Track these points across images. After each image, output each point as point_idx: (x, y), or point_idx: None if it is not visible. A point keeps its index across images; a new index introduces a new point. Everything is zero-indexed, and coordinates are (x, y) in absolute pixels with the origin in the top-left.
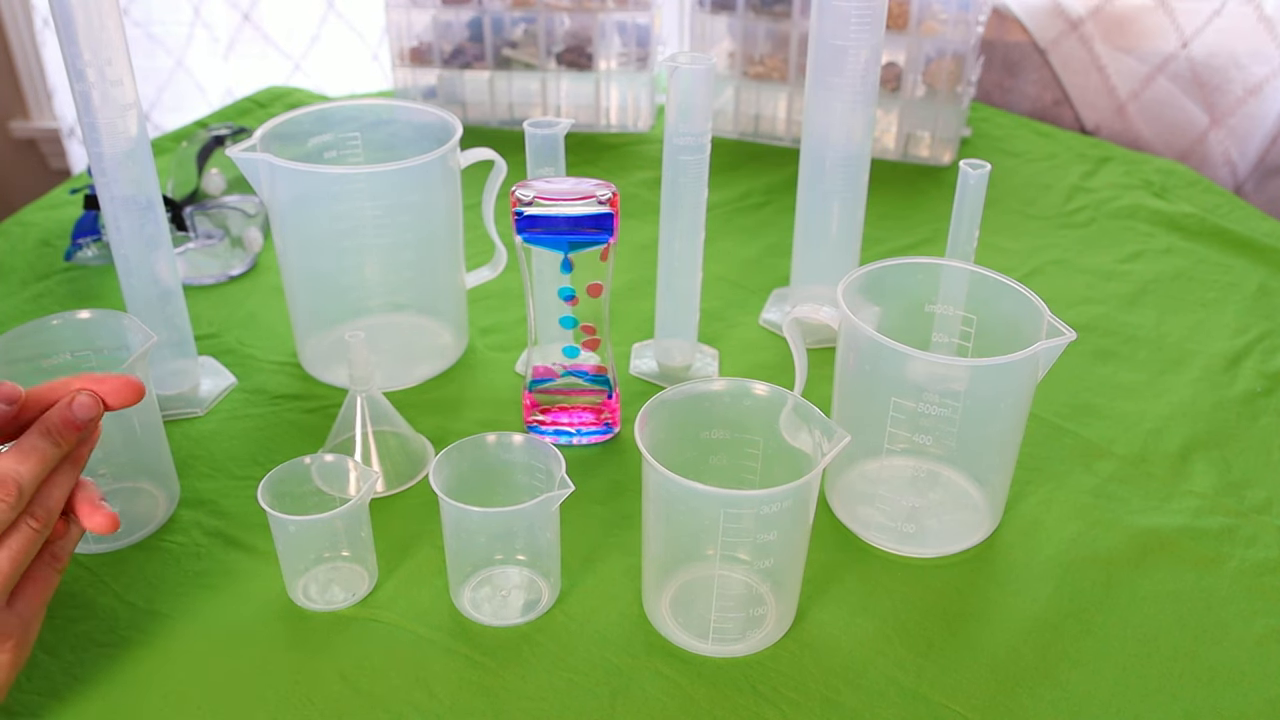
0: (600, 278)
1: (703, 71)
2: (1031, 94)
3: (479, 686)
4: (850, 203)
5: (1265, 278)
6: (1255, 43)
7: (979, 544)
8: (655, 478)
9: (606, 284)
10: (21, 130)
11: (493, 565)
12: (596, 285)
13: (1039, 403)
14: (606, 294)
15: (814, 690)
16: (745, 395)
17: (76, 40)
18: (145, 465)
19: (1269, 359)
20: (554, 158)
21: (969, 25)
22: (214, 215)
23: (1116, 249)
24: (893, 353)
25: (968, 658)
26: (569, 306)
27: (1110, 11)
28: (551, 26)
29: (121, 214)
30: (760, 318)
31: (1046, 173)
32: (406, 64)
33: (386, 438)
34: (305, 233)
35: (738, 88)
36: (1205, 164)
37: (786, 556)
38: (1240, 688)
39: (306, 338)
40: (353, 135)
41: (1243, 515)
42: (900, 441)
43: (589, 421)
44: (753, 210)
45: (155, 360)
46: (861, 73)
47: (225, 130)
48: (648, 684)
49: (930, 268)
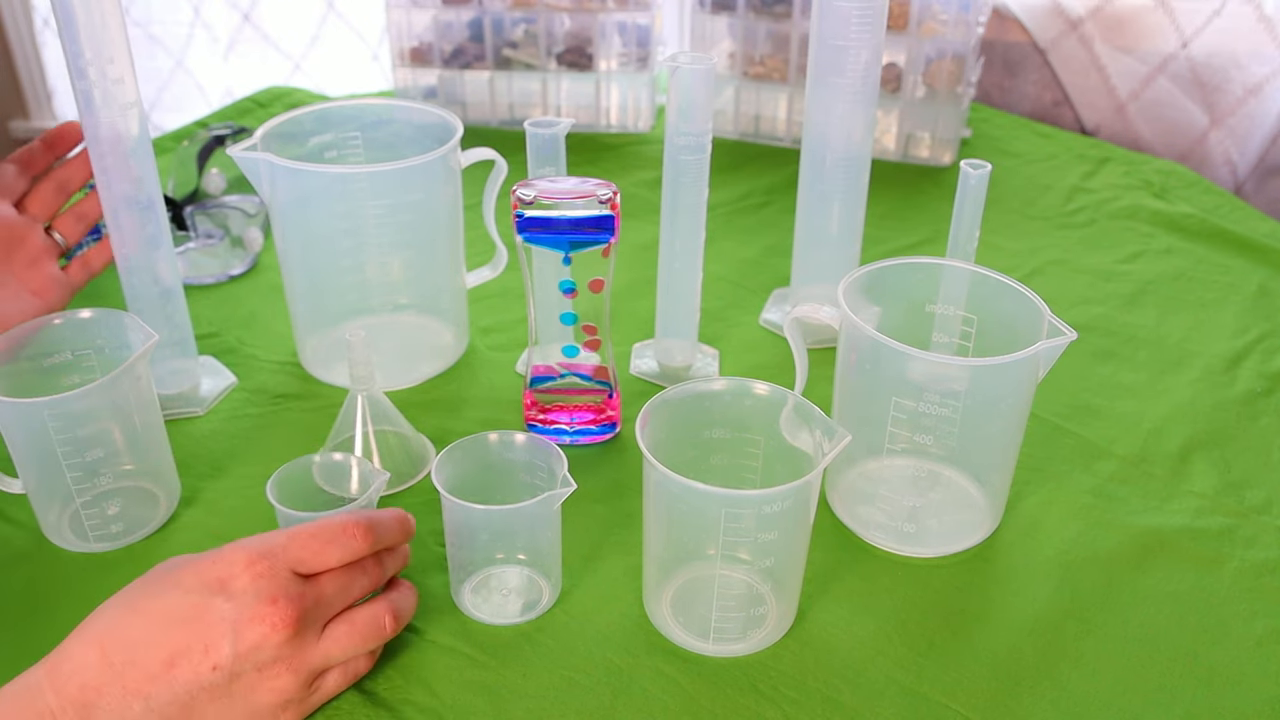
0: (602, 273)
1: (703, 71)
2: (1031, 94)
3: (480, 685)
4: (850, 203)
5: (1265, 278)
6: (1255, 43)
7: (979, 544)
8: (656, 477)
9: (608, 281)
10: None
11: (494, 564)
12: (598, 281)
13: (1039, 403)
14: (608, 291)
15: (814, 689)
16: (746, 395)
17: (78, 39)
18: (145, 465)
19: (1269, 359)
20: (555, 158)
21: (969, 25)
22: (214, 215)
23: (1116, 249)
24: (893, 353)
25: (968, 657)
26: (569, 301)
27: (1110, 11)
28: (552, 27)
29: (122, 214)
30: (760, 318)
31: (1046, 173)
32: (407, 64)
33: (387, 437)
34: (306, 232)
35: (738, 88)
36: (1205, 164)
37: (787, 556)
38: (1240, 688)
39: (307, 337)
40: (353, 135)
41: (1243, 515)
42: (901, 441)
43: (589, 421)
44: (753, 210)
45: (156, 360)
46: (862, 73)
47: (225, 130)
48: (648, 683)
49: (930, 268)
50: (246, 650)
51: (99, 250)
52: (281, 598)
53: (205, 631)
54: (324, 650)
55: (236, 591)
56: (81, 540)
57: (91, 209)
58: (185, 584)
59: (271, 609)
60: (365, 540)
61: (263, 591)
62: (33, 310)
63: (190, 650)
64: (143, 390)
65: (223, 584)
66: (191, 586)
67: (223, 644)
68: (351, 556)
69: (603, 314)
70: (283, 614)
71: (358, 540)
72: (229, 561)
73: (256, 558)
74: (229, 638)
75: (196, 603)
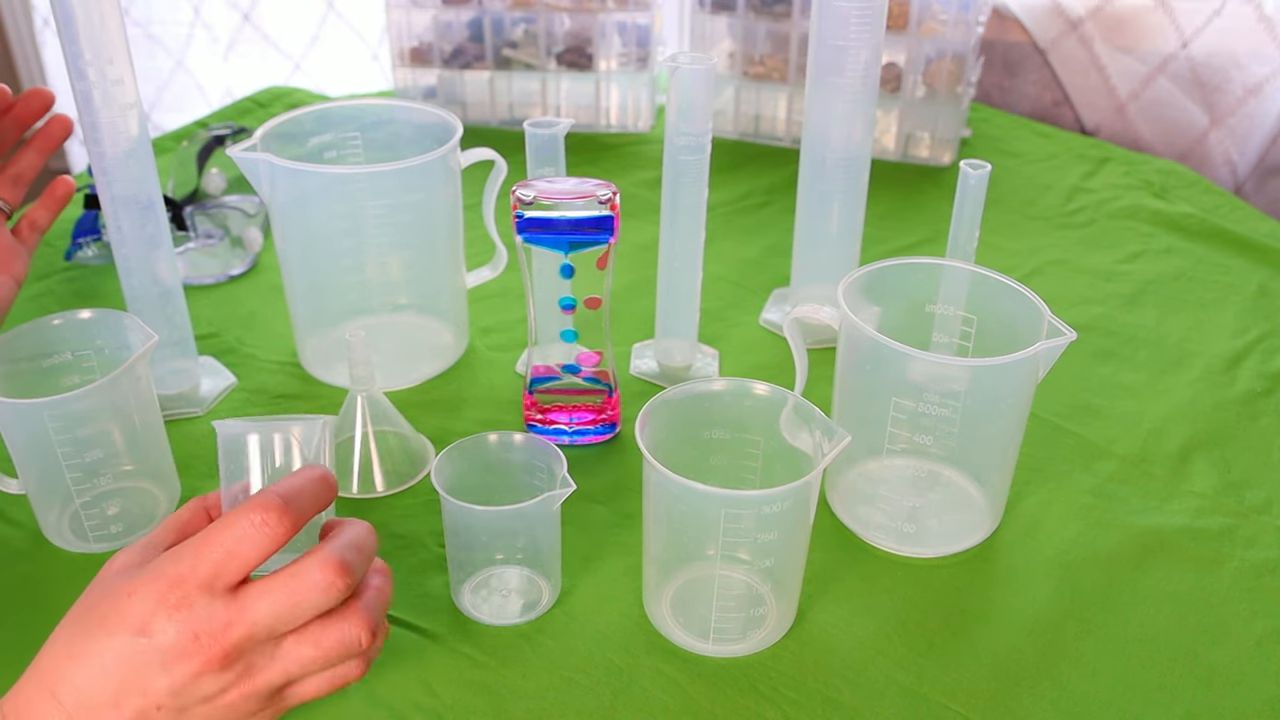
0: (598, 291)
1: (703, 71)
2: (1031, 94)
3: (480, 685)
4: (850, 203)
5: (1265, 278)
6: (1255, 43)
7: (979, 544)
8: (656, 478)
9: (605, 295)
10: None
11: (494, 565)
12: (595, 299)
13: (1039, 403)
14: (607, 306)
15: (814, 690)
16: (746, 395)
17: (77, 40)
18: (145, 465)
19: (1269, 359)
20: (554, 158)
21: (969, 25)
22: (214, 215)
23: (1116, 249)
24: (893, 353)
25: (968, 657)
26: (569, 317)
27: (1110, 11)
28: (552, 26)
29: (122, 214)
30: (760, 318)
31: (1046, 173)
32: (406, 64)
33: (387, 437)
34: (305, 233)
35: (738, 88)
36: (1205, 164)
37: (787, 556)
38: (1240, 688)
39: (307, 337)
40: (353, 135)
41: (1243, 515)
42: (900, 441)
43: (589, 421)
44: (753, 210)
45: (155, 360)
46: (861, 73)
47: (225, 130)
48: (648, 683)
49: (930, 268)
50: (183, 687)
51: (42, 205)
52: (204, 634)
53: (137, 678)
54: (282, 668)
55: (156, 631)
56: (81, 540)
57: (27, 167)
58: (109, 624)
59: (195, 645)
60: (281, 524)
61: (183, 628)
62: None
63: (130, 695)
64: (143, 390)
65: (143, 625)
66: (115, 627)
67: (158, 685)
68: (273, 546)
69: (602, 326)
70: (206, 651)
71: (271, 527)
72: (143, 596)
73: (167, 589)
74: (163, 680)
75: (121, 646)
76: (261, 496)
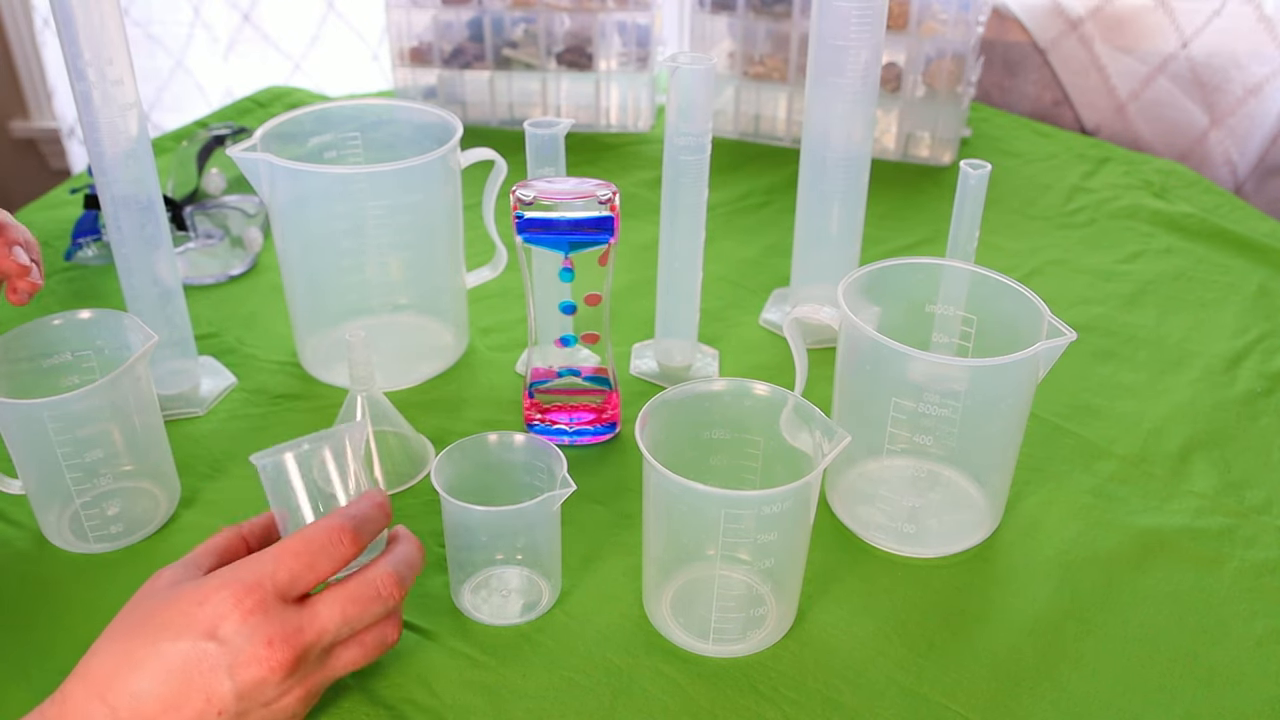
0: (600, 285)
1: (703, 71)
2: (1031, 94)
3: (480, 685)
4: (850, 203)
5: (1265, 278)
6: (1255, 43)
7: (979, 544)
8: (656, 478)
9: (606, 292)
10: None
11: (494, 565)
12: (595, 295)
13: (1039, 403)
14: (607, 302)
15: (814, 690)
16: (746, 395)
17: (77, 40)
18: (145, 465)
19: (1269, 359)
20: (554, 158)
21: (969, 25)
22: (214, 215)
23: (1116, 249)
24: (893, 353)
25: (968, 658)
26: (569, 321)
27: (1110, 11)
28: (551, 26)
29: (122, 214)
30: (760, 318)
31: (1046, 173)
32: (406, 64)
33: (387, 438)
34: (305, 233)
35: (738, 88)
36: (1205, 164)
37: (787, 556)
38: (1240, 688)
39: (307, 338)
40: (353, 135)
41: (1243, 515)
42: (900, 442)
43: (589, 421)
44: (753, 210)
45: (155, 360)
46: (861, 73)
47: (225, 130)
48: (648, 684)
49: (930, 268)
50: (248, 691)
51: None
52: (277, 639)
53: (203, 682)
54: (331, 672)
55: (228, 635)
56: (81, 541)
57: None
58: (175, 628)
59: (268, 651)
60: (353, 545)
61: (256, 633)
62: None
63: (191, 700)
64: (142, 391)
65: (213, 629)
66: (181, 632)
67: (223, 691)
68: (343, 564)
69: (602, 324)
70: (279, 657)
71: (345, 546)
72: (216, 602)
73: (244, 594)
74: (228, 684)
75: (188, 651)
76: (338, 518)
